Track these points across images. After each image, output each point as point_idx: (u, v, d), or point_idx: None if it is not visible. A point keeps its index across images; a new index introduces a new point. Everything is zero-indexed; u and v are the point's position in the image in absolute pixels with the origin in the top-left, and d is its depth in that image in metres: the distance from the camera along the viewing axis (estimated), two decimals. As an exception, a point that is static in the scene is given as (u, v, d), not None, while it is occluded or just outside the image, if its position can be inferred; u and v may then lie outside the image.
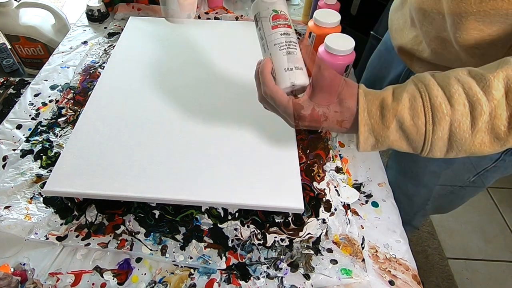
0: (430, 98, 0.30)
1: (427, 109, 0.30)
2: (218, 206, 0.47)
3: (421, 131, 0.31)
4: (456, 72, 0.31)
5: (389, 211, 0.49)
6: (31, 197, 0.47)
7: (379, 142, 0.33)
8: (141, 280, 0.41)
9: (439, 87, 0.30)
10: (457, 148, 0.30)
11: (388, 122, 0.31)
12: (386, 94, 0.32)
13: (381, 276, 0.42)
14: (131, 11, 0.80)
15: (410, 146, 0.32)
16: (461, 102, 0.29)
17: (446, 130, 0.30)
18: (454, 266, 1.13)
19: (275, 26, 0.35)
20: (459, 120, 0.29)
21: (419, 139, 0.31)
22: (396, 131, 0.32)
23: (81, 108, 0.58)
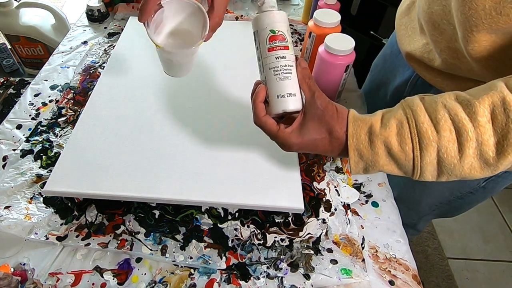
0: (416, 124, 0.31)
1: (414, 135, 0.31)
2: (218, 206, 0.47)
3: (409, 156, 0.31)
4: (443, 98, 0.31)
5: (389, 211, 0.49)
6: (31, 197, 0.47)
7: (370, 166, 0.33)
8: (141, 280, 0.41)
9: (426, 113, 0.31)
10: (447, 173, 0.31)
11: (377, 148, 0.32)
12: (374, 120, 0.33)
13: (381, 276, 0.42)
14: (131, 11, 0.80)
15: (401, 170, 0.33)
16: (447, 128, 0.30)
17: (434, 155, 0.30)
18: (454, 266, 1.13)
19: (271, 49, 0.34)
20: (445, 146, 0.30)
21: (408, 164, 0.32)
22: (386, 156, 0.32)
23: (81, 108, 0.58)
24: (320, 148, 0.35)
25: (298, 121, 0.35)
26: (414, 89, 0.54)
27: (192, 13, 0.39)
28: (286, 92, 0.34)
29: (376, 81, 0.66)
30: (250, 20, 0.79)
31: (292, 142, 0.35)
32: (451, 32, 0.40)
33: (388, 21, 1.36)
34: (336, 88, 0.59)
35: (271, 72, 0.34)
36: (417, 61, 0.50)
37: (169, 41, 0.40)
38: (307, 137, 0.35)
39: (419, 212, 0.68)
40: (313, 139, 0.35)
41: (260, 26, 0.35)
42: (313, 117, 0.34)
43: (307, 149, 0.36)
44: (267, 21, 0.34)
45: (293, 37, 0.77)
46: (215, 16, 0.39)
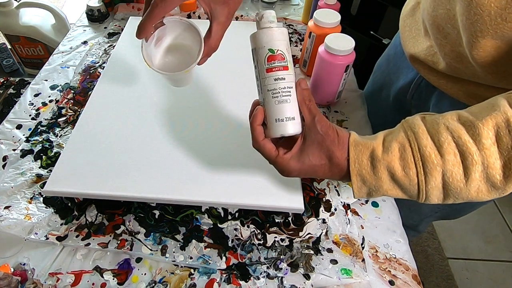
0: (419, 148, 0.30)
1: (417, 159, 0.30)
2: (218, 206, 0.47)
3: (413, 181, 0.30)
4: (445, 118, 0.30)
5: (389, 211, 0.49)
6: (31, 197, 0.47)
7: (373, 191, 0.33)
8: (141, 280, 0.41)
9: (428, 135, 0.30)
10: (454, 196, 0.30)
11: (380, 173, 0.31)
12: (376, 144, 0.32)
13: (381, 276, 0.42)
14: (131, 11, 0.80)
15: (406, 194, 0.32)
16: (451, 151, 0.29)
17: (439, 180, 0.30)
18: (454, 266, 1.13)
19: (270, 69, 0.32)
20: (450, 170, 0.29)
21: (413, 189, 0.31)
22: (389, 181, 0.31)
23: (81, 108, 0.58)
24: (320, 174, 0.35)
25: (297, 146, 0.34)
26: (417, 90, 0.54)
27: (191, 34, 0.39)
28: (284, 116, 0.33)
29: (379, 82, 0.66)
30: (250, 20, 0.79)
31: (291, 168, 0.34)
32: (455, 37, 0.40)
33: (388, 21, 1.36)
34: (336, 88, 0.59)
35: (270, 94, 0.33)
36: (421, 63, 0.50)
37: (166, 60, 0.41)
38: (306, 164, 0.34)
39: (421, 214, 0.67)
40: (312, 165, 0.34)
41: (259, 44, 0.33)
42: (312, 142, 0.33)
43: (306, 175, 0.35)
44: (265, 39, 0.33)
45: (293, 37, 0.77)
46: (211, 43, 0.39)
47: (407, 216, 0.53)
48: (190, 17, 0.78)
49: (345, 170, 0.33)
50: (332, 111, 0.62)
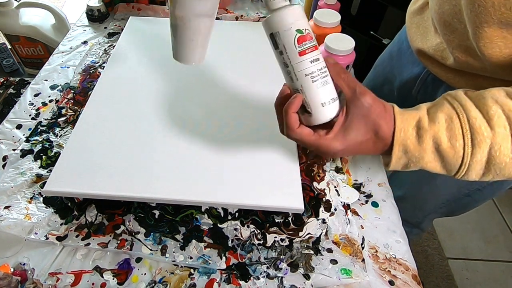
0: (468, 119, 0.29)
1: (466, 131, 0.29)
2: (218, 206, 0.47)
3: (458, 153, 0.29)
4: (492, 93, 0.29)
5: (389, 211, 0.49)
6: (31, 197, 0.47)
7: (412, 162, 0.31)
8: (141, 280, 0.41)
9: (476, 108, 0.29)
10: (494, 172, 0.29)
11: (425, 144, 0.30)
12: (421, 114, 0.31)
13: (381, 276, 0.42)
14: (131, 11, 0.80)
15: (445, 168, 0.31)
16: (501, 124, 0.28)
17: (485, 153, 0.28)
18: (454, 266, 1.13)
19: (303, 52, 0.30)
20: (499, 143, 0.28)
21: (456, 162, 0.30)
22: (432, 152, 0.30)
23: (81, 108, 0.58)
24: (363, 150, 0.33)
25: (339, 124, 0.32)
26: (424, 85, 0.54)
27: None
28: (330, 98, 0.31)
29: (380, 78, 0.66)
30: (250, 20, 0.79)
31: (335, 149, 0.32)
32: (462, 31, 0.40)
33: (388, 21, 1.36)
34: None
35: (309, 79, 0.30)
36: (429, 58, 0.50)
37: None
38: (352, 140, 0.32)
39: (425, 211, 0.66)
40: (358, 142, 0.32)
41: (283, 26, 0.29)
42: (357, 116, 0.31)
43: (350, 153, 0.34)
44: (290, 20, 0.29)
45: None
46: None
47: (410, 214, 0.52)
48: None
49: (389, 143, 0.31)
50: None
